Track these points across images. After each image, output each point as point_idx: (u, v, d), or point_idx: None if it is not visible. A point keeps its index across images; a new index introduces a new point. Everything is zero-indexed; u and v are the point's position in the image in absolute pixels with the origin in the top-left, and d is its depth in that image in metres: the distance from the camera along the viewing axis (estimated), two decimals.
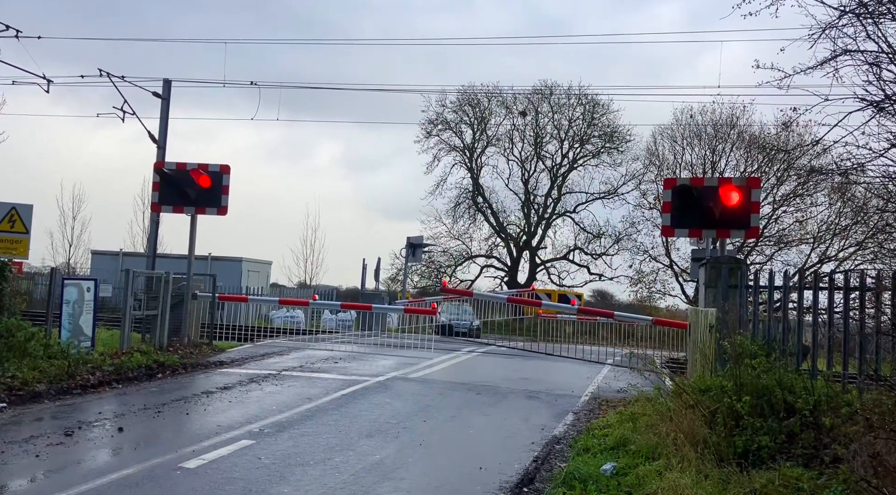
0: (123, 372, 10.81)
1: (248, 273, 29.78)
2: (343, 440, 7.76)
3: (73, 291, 11.36)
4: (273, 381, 11.31)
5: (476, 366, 14.47)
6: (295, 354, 14.95)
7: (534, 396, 11.33)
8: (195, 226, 14.48)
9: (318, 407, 9.39)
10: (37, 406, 8.80)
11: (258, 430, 7.94)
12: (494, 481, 6.56)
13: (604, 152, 43.05)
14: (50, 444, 6.95)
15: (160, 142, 26.30)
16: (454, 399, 10.73)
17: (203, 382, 11.08)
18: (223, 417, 8.57)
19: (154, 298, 13.40)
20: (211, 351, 14.25)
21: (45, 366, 9.90)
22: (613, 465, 6.57)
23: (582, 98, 43.39)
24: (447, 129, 44.20)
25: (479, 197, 44.56)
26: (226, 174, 14.21)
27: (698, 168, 41.78)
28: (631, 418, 8.03)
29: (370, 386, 11.29)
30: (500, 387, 11.96)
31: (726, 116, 40.53)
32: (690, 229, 11.98)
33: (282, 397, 10.07)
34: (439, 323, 27.49)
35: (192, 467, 6.43)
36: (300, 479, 6.27)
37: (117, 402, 9.35)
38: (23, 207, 12.37)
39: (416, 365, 14.05)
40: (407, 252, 27.41)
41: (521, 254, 44.91)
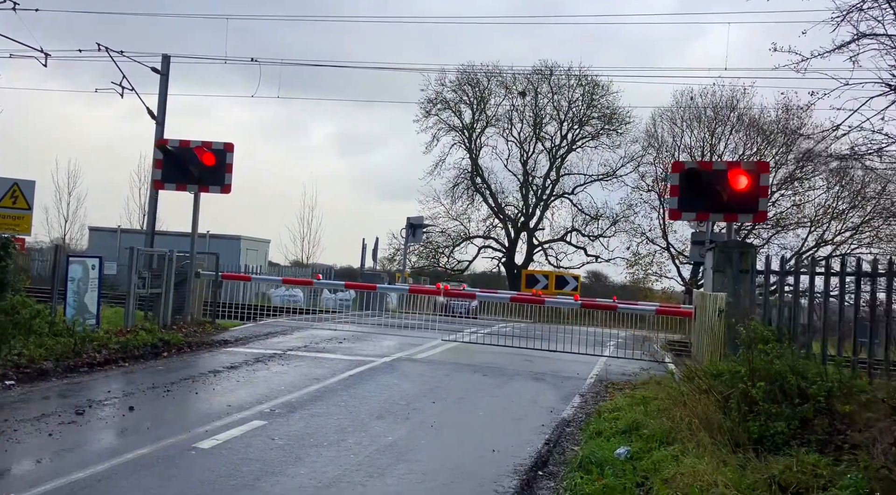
0: (129, 351, 10.77)
1: (247, 251, 29.68)
2: (354, 421, 7.76)
3: (77, 269, 11.28)
4: (279, 361, 11.29)
5: (480, 348, 14.50)
6: (298, 334, 14.94)
7: (539, 378, 11.35)
8: (198, 204, 14.37)
9: (327, 388, 9.38)
10: (44, 384, 8.76)
11: (269, 411, 7.93)
12: (508, 464, 6.57)
13: (603, 134, 42.90)
14: (62, 423, 6.93)
15: (159, 118, 26.01)
16: (461, 380, 10.74)
17: (209, 361, 11.06)
18: (233, 397, 8.56)
19: (157, 276, 13.33)
20: (214, 329, 14.21)
21: (51, 344, 9.85)
22: (627, 449, 6.58)
23: (582, 79, 43.11)
24: (446, 109, 43.95)
25: (477, 177, 44.42)
26: (229, 152, 14.08)
27: (697, 151, 41.74)
28: (642, 402, 8.05)
29: (377, 366, 11.29)
30: (505, 369, 11.98)
31: (727, 99, 40.43)
32: (698, 213, 11.95)
33: (289, 377, 10.06)
34: (438, 303, 27.64)
35: (206, 447, 6.42)
36: (315, 461, 6.27)
37: (125, 381, 9.32)
38: (25, 183, 12.25)
39: (420, 346, 14.06)
40: (407, 232, 27.35)
41: (518, 235, 44.90)
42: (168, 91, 26.29)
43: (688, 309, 17.49)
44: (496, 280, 47.19)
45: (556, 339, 14.56)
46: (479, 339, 15.28)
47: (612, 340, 16.77)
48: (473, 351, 14.05)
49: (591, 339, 14.62)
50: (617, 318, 19.34)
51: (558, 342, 14.41)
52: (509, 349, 14.29)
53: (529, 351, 14.12)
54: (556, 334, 15.07)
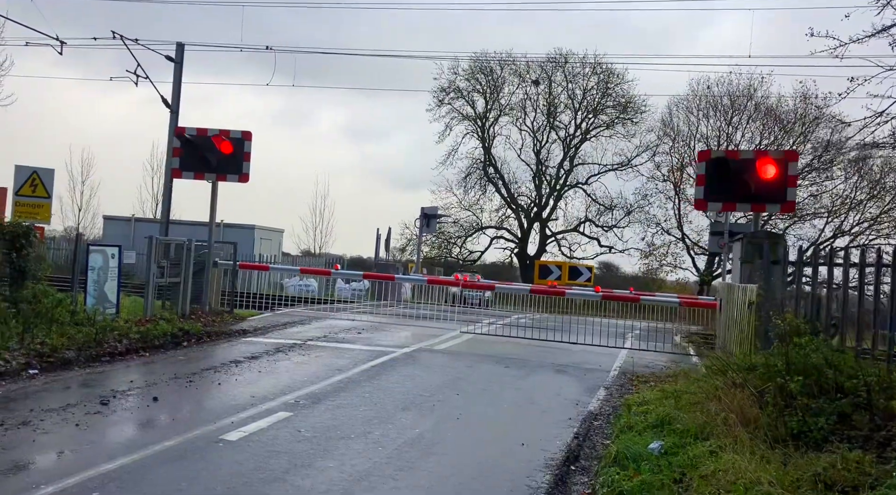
0: (149, 340, 10.72)
1: (261, 241, 29.66)
2: (380, 413, 7.66)
3: (98, 258, 11.23)
4: (300, 351, 11.21)
5: (499, 339, 14.37)
6: (316, 324, 14.87)
7: (562, 370, 11.22)
8: (216, 192, 14.29)
9: (350, 379, 9.30)
10: (67, 373, 8.72)
11: (294, 402, 7.84)
12: (538, 458, 6.46)
13: (618, 123, 42.47)
14: (88, 413, 6.86)
15: (173, 106, 25.96)
16: (483, 371, 10.63)
17: (229, 351, 11.00)
18: (256, 388, 8.48)
19: (175, 265, 13.27)
20: (232, 319, 14.16)
21: (72, 333, 9.80)
22: (661, 444, 6.45)
23: (597, 67, 42.69)
24: (459, 98, 43.63)
25: (490, 167, 44.16)
26: (248, 140, 13.97)
27: (713, 140, 41.31)
28: (673, 395, 7.90)
29: (398, 357, 11.19)
30: (527, 361, 11.86)
31: (744, 88, 39.94)
32: (724, 202, 11.73)
33: (311, 368, 9.98)
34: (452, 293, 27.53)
35: (233, 439, 6.34)
36: (344, 453, 6.18)
37: (147, 371, 9.26)
38: (44, 171, 12.20)
39: (439, 336, 13.96)
40: (421, 222, 27.21)
41: (531, 225, 44.66)
42: (182, 79, 26.21)
43: (705, 300, 17.31)
44: (507, 270, 47.09)
45: (576, 331, 14.42)
46: (497, 330, 15.16)
47: (631, 332, 16.62)
48: (493, 342, 13.93)
49: (610, 331, 14.46)
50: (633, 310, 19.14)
51: (578, 334, 14.27)
52: (529, 341, 14.16)
53: (549, 342, 13.99)
54: (574, 326, 14.93)
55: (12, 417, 6.55)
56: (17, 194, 12.03)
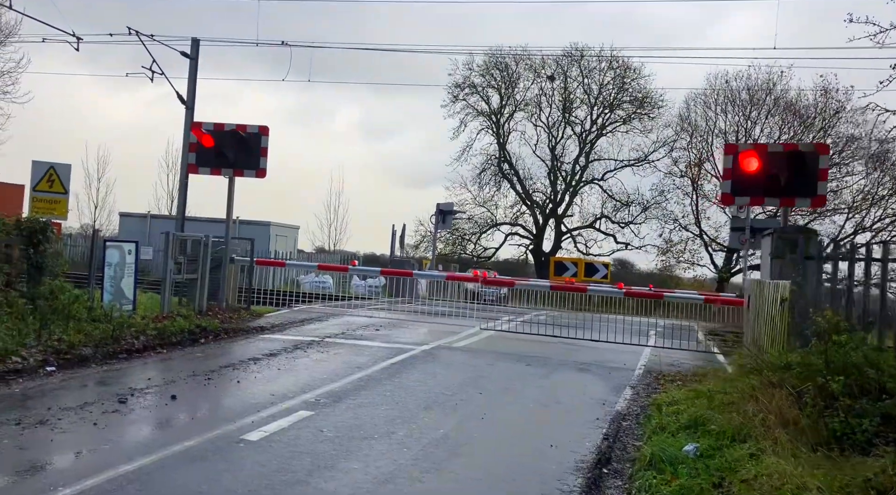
0: (167, 337, 10.59)
1: (276, 237, 29.58)
2: (402, 412, 7.47)
3: (114, 254, 11.12)
4: (318, 349, 11.05)
5: (519, 337, 14.14)
6: (334, 321, 14.71)
7: (585, 369, 10.99)
8: (233, 188, 14.16)
9: (370, 377, 9.11)
10: (84, 370, 8.60)
11: (314, 400, 7.67)
12: (569, 460, 6.24)
13: (635, 118, 42.00)
14: (105, 412, 6.72)
15: (188, 102, 25.88)
16: (504, 370, 10.42)
17: (247, 348, 10.85)
18: (275, 386, 8.32)
19: (192, 261, 13.15)
20: (249, 315, 14.03)
21: (89, 330, 9.69)
22: (696, 446, 6.21)
23: (613, 62, 42.24)
24: (474, 93, 43.32)
25: (505, 163, 43.85)
26: (264, 135, 13.83)
27: (731, 135, 40.77)
28: (706, 395, 7.64)
29: (417, 355, 11.00)
30: (549, 359, 11.63)
31: (762, 82, 39.37)
32: (752, 197, 11.43)
33: (330, 365, 9.81)
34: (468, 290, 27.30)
35: (254, 439, 6.17)
36: (368, 454, 5.99)
37: (164, 368, 9.13)
38: (61, 167, 12.10)
39: (458, 333, 13.75)
40: (437, 218, 26.99)
41: (546, 221, 44.32)
42: (197, 76, 26.11)
43: (726, 296, 16.99)
44: (522, 267, 46.75)
45: (597, 328, 14.17)
46: (517, 328, 14.94)
47: (652, 329, 16.33)
48: (512, 339, 13.71)
49: (631, 328, 14.21)
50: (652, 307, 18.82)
51: (599, 331, 14.02)
52: (550, 338, 13.92)
53: (571, 340, 13.74)
54: (594, 323, 14.68)
55: (30, 416, 6.42)
56: (34, 190, 11.93)
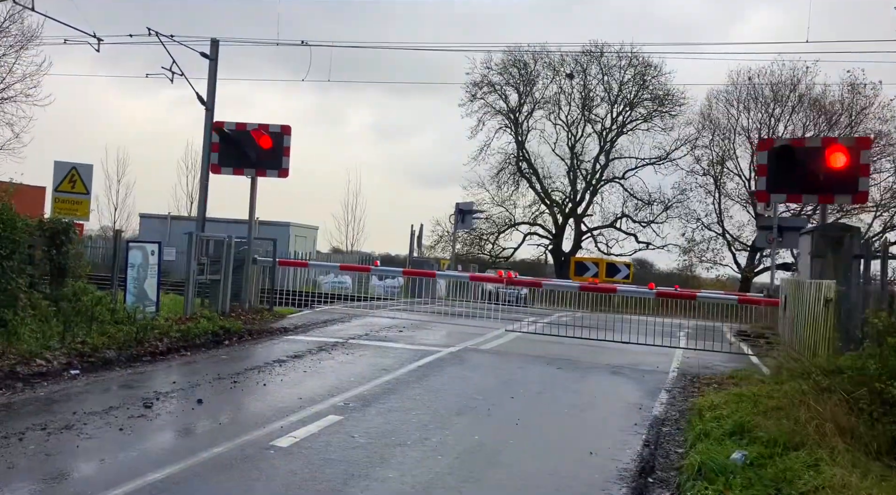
0: (190, 339, 10.44)
1: (296, 238, 29.50)
2: (434, 417, 7.24)
3: (137, 255, 10.98)
4: (343, 350, 10.85)
5: (546, 338, 13.85)
6: (356, 322, 14.51)
7: (618, 372, 10.69)
8: (255, 188, 14.02)
9: (398, 380, 8.89)
10: (108, 373, 8.45)
11: (343, 404, 7.46)
12: (610, 468, 5.97)
13: (656, 116, 41.47)
14: (131, 417, 6.55)
15: (208, 103, 25.82)
16: (535, 373, 10.15)
17: (272, 350, 10.67)
18: (302, 389, 8.12)
19: (215, 262, 13.01)
20: (272, 316, 13.87)
21: (113, 332, 9.56)
22: (744, 454, 5.91)
23: (633, 59, 41.74)
24: (492, 92, 43.02)
25: (523, 162, 43.49)
26: (287, 135, 13.67)
27: (754, 133, 40.17)
28: (750, 399, 7.33)
29: (444, 357, 10.76)
30: (579, 361, 11.35)
31: (786, 78, 38.72)
32: (789, 194, 11.08)
33: (356, 368, 9.60)
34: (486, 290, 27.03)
35: (284, 446, 5.96)
36: (402, 462, 5.76)
37: (189, 371, 8.96)
38: (83, 167, 11.99)
39: (483, 335, 13.50)
40: (456, 218, 26.75)
41: (566, 221, 43.90)
42: (217, 77, 26.07)
43: (763, 297, 16.57)
44: (541, 267, 46.34)
45: (624, 330, 13.86)
46: (542, 329, 14.66)
47: (679, 331, 15.97)
48: (540, 341, 13.43)
49: (659, 330, 13.87)
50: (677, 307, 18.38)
51: (627, 332, 13.69)
52: (576, 340, 13.62)
53: (599, 342, 13.43)
54: (621, 324, 14.38)
55: (55, 420, 6.26)
56: (56, 190, 11.84)
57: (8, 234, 8.92)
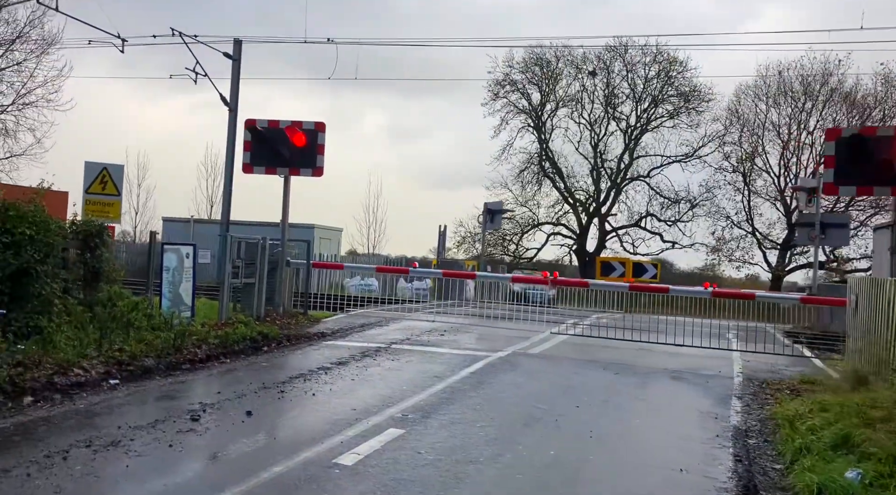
0: (229, 346, 9.98)
1: (320, 240, 29.07)
2: (501, 430, 6.70)
3: (172, 258, 10.54)
4: (388, 356, 10.34)
5: (594, 342, 13.22)
6: (394, 326, 14.01)
7: (679, 377, 10.09)
8: (289, 188, 13.57)
9: (453, 388, 8.35)
10: (148, 382, 8.00)
11: (401, 416, 6.94)
12: (708, 488, 5.41)
13: (682, 112, 40.64)
14: (180, 432, 6.07)
15: (232, 104, 25.48)
16: (593, 380, 9.58)
17: (313, 356, 10.19)
18: (354, 399, 7.61)
19: (249, 265, 12.56)
20: (307, 321, 13.40)
21: (150, 339, 9.11)
22: (859, 473, 5.32)
23: (658, 56, 40.97)
24: (515, 91, 42.44)
25: (546, 161, 42.86)
26: (321, 132, 13.21)
27: (783, 128, 39.30)
28: (845, 408, 6.71)
29: (494, 363, 10.21)
30: (635, 366, 10.76)
31: (817, 72, 37.79)
32: (859, 186, 10.42)
33: (406, 375, 9.09)
34: (513, 291, 26.46)
35: (348, 464, 5.45)
36: (479, 481, 5.24)
37: (231, 380, 8.49)
38: (114, 168, 11.61)
39: (529, 338, 12.94)
40: (485, 218, 26.20)
41: (590, 221, 43.18)
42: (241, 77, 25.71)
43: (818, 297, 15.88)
44: (563, 268, 45.62)
45: (668, 331, 13.26)
46: (588, 332, 14.07)
47: (728, 332, 15.33)
48: (589, 345, 12.84)
49: (706, 331, 13.25)
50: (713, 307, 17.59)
51: (673, 334, 13.08)
52: (626, 343, 13.03)
53: (649, 344, 12.83)
54: (665, 326, 13.80)
55: (100, 436, 5.79)
56: (86, 192, 11.46)
57: (42, 237, 8.51)
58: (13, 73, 33.89)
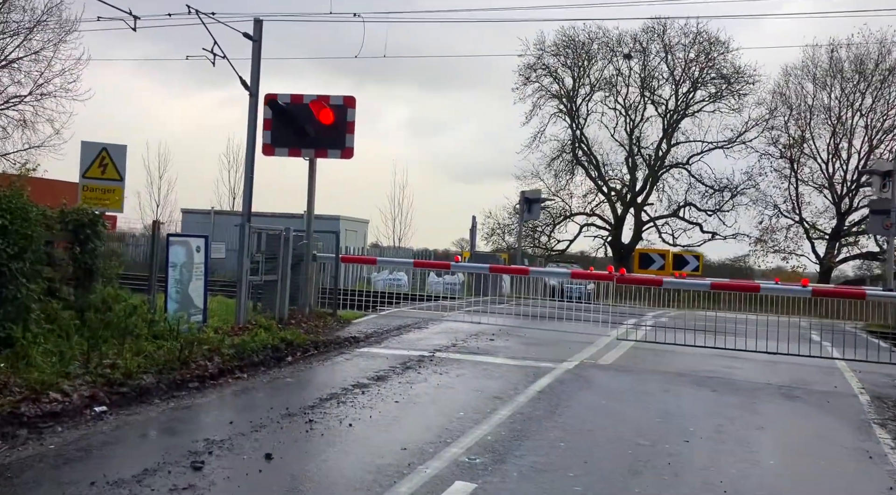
0: (246, 356, 8.39)
1: (346, 232, 27.51)
2: (603, 480, 5.00)
3: (180, 252, 8.94)
4: (434, 368, 8.67)
5: (669, 348, 11.38)
6: (434, 328, 12.35)
7: (791, 395, 8.30)
8: (314, 172, 11.94)
9: (522, 415, 6.66)
10: (145, 409, 6.41)
11: (467, 460, 5.26)
12: None
13: (726, 95, 38.39)
14: (174, 489, 4.45)
15: (252, 88, 23.98)
16: (689, 399, 7.82)
17: (346, 369, 8.56)
18: (403, 432, 5.96)
19: (270, 260, 10.97)
20: (337, 323, 11.79)
21: (151, 350, 7.54)
22: None
23: (698, 36, 38.73)
24: (547, 75, 40.46)
25: (579, 149, 40.87)
26: (351, 108, 11.54)
27: (835, 111, 36.94)
28: None
29: (562, 377, 8.49)
30: (732, 380, 8.98)
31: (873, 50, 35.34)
32: None
33: (459, 394, 7.42)
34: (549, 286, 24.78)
35: None
36: None
37: (248, 403, 6.89)
38: (115, 148, 10.05)
39: (591, 343, 11.20)
40: (521, 207, 24.45)
41: (626, 210, 41.14)
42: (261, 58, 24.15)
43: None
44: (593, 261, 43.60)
45: (741, 332, 11.50)
46: (653, 335, 12.28)
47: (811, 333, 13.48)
48: (664, 352, 11.06)
49: (787, 333, 11.45)
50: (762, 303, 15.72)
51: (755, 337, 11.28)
52: (706, 350, 11.24)
53: (734, 352, 11.00)
54: (735, 326, 12.07)
55: None
56: (83, 176, 9.93)
57: (17, 228, 6.95)
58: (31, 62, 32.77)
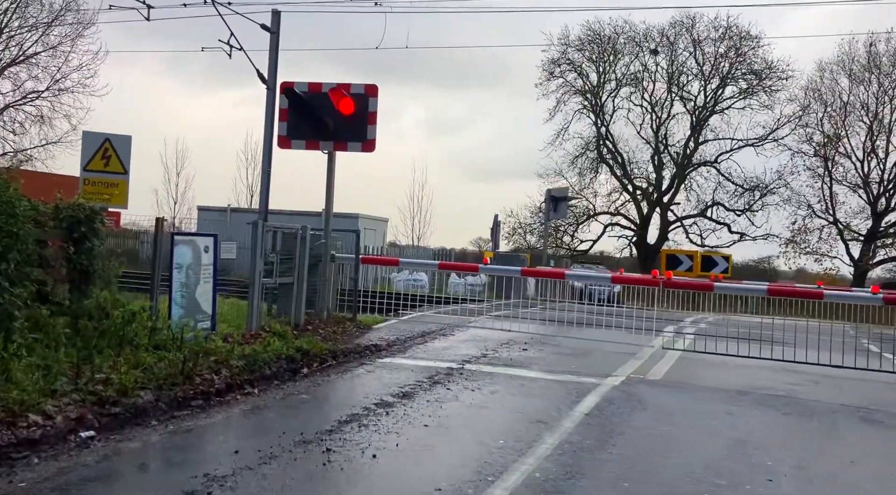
0: (257, 368, 7.56)
1: (365, 231, 26.73)
2: None
3: (185, 252, 8.13)
4: (465, 384, 7.79)
5: (721, 359, 10.41)
6: (461, 335, 11.48)
7: (870, 418, 7.32)
8: (333, 166, 11.13)
9: (571, 444, 5.75)
10: (139, 433, 5.59)
11: None
12: None
13: (758, 91, 37.12)
14: None
15: (269, 82, 23.25)
16: (758, 424, 6.86)
17: (368, 383, 7.71)
18: (435, 464, 5.10)
19: (285, 261, 10.15)
20: (356, 328, 10.96)
21: (150, 361, 6.74)
22: None
23: (728, 31, 37.50)
24: (571, 70, 39.43)
25: (604, 146, 39.79)
26: (373, 97, 10.71)
27: (871, 107, 35.57)
28: None
29: (610, 396, 7.57)
30: (798, 399, 8.01)
31: None
32: None
33: (497, 416, 6.54)
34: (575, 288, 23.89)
35: None
36: None
37: (257, 426, 6.06)
38: (119, 139, 9.29)
39: (635, 354, 10.27)
40: (547, 206, 23.53)
41: (652, 210, 39.98)
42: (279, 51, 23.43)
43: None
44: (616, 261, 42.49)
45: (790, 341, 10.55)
46: (700, 344, 11.31)
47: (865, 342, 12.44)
48: (717, 364, 10.10)
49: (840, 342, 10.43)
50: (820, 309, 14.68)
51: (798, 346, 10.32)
52: (761, 361, 10.27)
53: (793, 364, 10.05)
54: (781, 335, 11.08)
55: None
56: (84, 169, 9.19)
57: (1, 224, 6.18)
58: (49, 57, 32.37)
